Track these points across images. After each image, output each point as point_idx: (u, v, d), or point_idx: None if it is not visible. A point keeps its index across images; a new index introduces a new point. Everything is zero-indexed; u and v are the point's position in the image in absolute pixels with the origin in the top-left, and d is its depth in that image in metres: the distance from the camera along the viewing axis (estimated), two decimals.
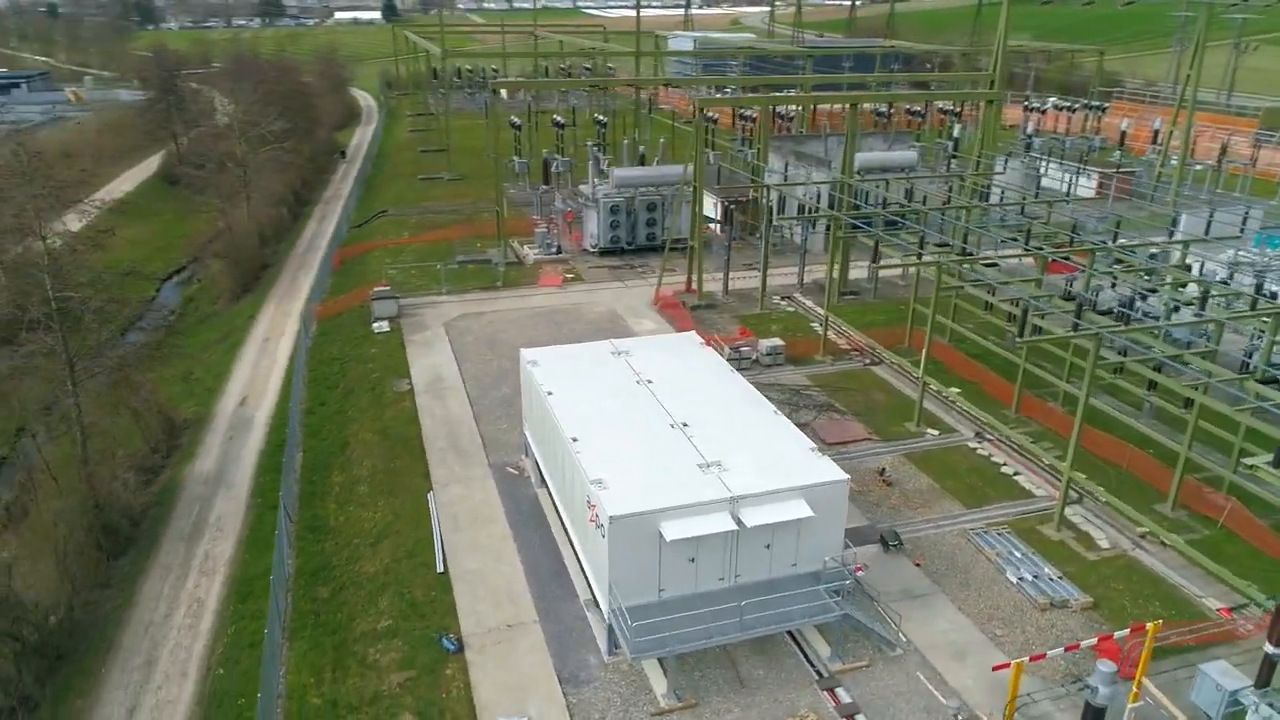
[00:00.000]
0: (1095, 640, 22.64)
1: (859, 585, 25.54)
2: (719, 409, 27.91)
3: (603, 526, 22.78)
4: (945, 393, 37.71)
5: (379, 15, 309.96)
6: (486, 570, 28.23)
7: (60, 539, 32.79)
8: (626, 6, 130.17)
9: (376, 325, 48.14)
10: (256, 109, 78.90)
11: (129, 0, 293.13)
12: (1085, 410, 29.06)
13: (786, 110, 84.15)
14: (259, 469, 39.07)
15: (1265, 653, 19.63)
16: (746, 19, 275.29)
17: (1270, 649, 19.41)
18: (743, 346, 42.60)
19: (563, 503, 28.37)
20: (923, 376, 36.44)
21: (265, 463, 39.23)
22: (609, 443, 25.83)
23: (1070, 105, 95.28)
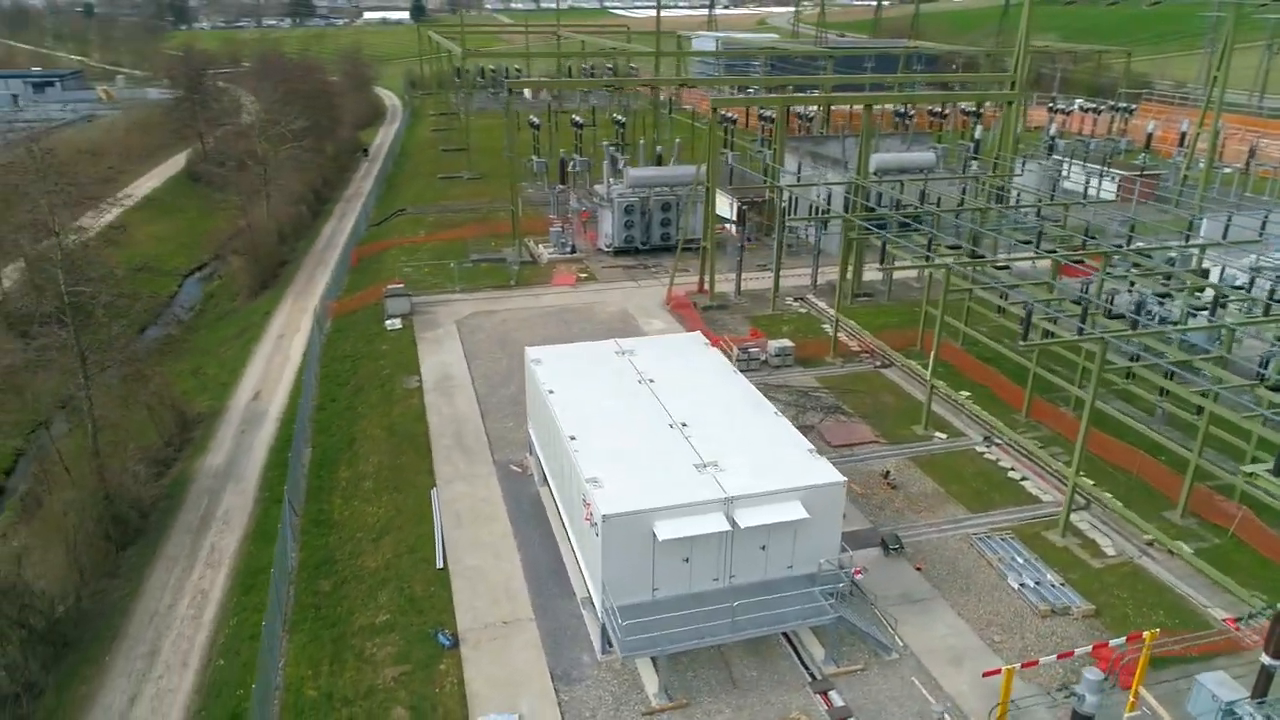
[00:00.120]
0: (1090, 648, 22.31)
1: (857, 588, 25.37)
2: (719, 409, 27.83)
3: (597, 525, 22.78)
4: (954, 396, 37.34)
5: (407, 15, 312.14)
6: (486, 567, 28.34)
7: (70, 529, 33.32)
8: (652, 6, 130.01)
9: (389, 322, 48.50)
10: (278, 108, 79.73)
11: (163, 0, 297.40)
12: (1096, 415, 28.66)
13: (807, 111, 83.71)
14: (268, 464, 39.44)
15: (1262, 664, 19.26)
16: (773, 19, 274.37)
17: (1267, 660, 19.04)
18: (751, 347, 42.41)
19: (562, 501, 28.40)
20: (930, 379, 36.12)
21: (275, 458, 39.59)
22: (607, 442, 25.83)
23: (1097, 107, 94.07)
